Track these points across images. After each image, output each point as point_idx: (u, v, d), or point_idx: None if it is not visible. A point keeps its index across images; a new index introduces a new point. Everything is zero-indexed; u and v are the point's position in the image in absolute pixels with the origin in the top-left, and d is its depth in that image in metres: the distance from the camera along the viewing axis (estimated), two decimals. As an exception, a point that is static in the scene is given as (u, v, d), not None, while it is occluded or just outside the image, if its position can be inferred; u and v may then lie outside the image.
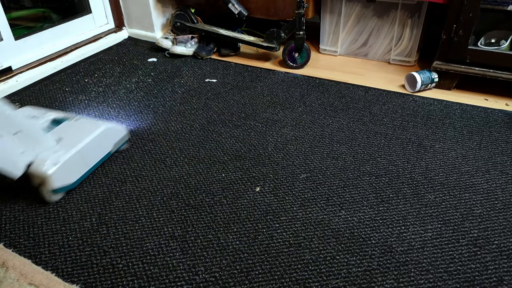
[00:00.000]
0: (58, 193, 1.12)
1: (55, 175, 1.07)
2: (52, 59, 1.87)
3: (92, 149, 1.19)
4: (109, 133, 1.25)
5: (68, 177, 1.13)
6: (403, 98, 1.61)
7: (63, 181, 1.12)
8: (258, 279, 0.91)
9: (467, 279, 0.90)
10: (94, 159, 1.21)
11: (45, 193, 1.10)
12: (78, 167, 1.16)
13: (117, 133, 1.29)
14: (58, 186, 1.10)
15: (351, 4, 1.82)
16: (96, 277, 0.92)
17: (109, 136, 1.25)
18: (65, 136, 1.17)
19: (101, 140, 1.22)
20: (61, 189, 1.12)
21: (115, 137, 1.28)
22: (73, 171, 1.15)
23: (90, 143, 1.17)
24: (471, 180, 1.18)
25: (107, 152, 1.26)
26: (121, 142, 1.31)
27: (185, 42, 1.99)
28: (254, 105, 1.58)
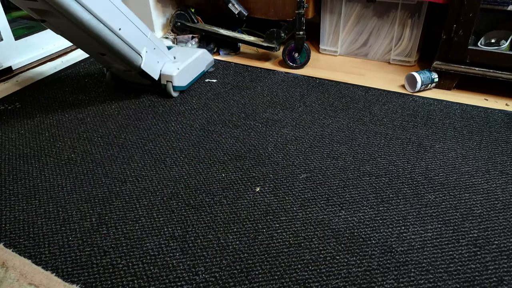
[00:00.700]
0: (176, 91, 1.64)
1: (177, 77, 1.60)
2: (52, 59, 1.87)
3: (195, 65, 1.71)
4: (203, 56, 1.77)
5: (183, 80, 1.65)
6: (403, 98, 1.61)
7: (181, 82, 1.63)
8: (258, 279, 0.91)
9: (467, 279, 0.90)
10: (196, 72, 1.73)
11: (170, 89, 1.60)
12: (188, 75, 1.67)
13: (208, 58, 1.81)
14: (178, 85, 1.62)
15: (351, 4, 1.82)
16: (96, 277, 0.92)
17: (203, 59, 1.78)
18: (177, 55, 1.70)
19: (199, 59, 1.74)
20: (179, 87, 1.64)
21: (207, 60, 1.81)
22: (186, 77, 1.66)
23: (194, 60, 1.70)
24: (471, 180, 1.18)
25: (202, 70, 1.78)
26: (210, 66, 1.84)
27: (185, 42, 1.99)
28: (254, 105, 1.58)
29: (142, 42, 1.49)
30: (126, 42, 1.41)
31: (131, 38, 1.43)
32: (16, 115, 1.54)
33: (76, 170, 1.25)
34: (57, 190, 1.17)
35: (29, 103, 1.62)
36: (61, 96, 1.67)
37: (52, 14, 1.24)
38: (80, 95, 1.67)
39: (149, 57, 1.52)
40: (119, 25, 1.37)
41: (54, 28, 1.35)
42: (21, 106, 1.60)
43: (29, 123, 1.49)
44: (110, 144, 1.36)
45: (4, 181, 1.21)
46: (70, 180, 1.21)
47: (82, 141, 1.38)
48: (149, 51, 1.52)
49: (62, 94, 1.68)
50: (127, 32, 1.41)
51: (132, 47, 1.45)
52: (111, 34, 1.35)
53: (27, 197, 1.15)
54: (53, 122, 1.49)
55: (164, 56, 1.61)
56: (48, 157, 1.31)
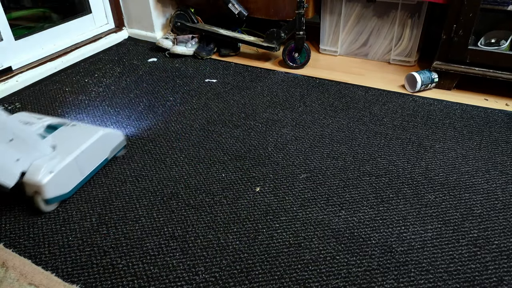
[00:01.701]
0: (52, 203, 1.09)
1: (50, 184, 1.03)
2: (52, 59, 1.87)
3: (88, 156, 1.15)
4: (106, 139, 1.21)
5: (63, 186, 1.09)
6: (403, 98, 1.61)
7: (58, 191, 1.07)
8: (258, 279, 0.91)
9: (467, 279, 0.90)
10: (91, 167, 1.18)
11: (39, 202, 1.06)
12: (73, 176, 1.12)
13: (114, 139, 1.25)
14: (53, 195, 1.06)
15: (351, 4, 1.82)
16: (96, 277, 0.92)
17: (106, 142, 1.22)
18: (61, 142, 1.13)
19: (97, 146, 1.18)
20: (56, 199, 1.08)
21: (112, 143, 1.24)
22: (69, 180, 1.11)
23: (86, 150, 1.13)
24: (471, 180, 1.18)
25: (104, 159, 1.22)
26: (118, 148, 1.27)
27: (185, 42, 1.99)
28: (254, 105, 1.58)
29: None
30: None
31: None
32: (16, 115, 1.54)
33: (76, 170, 1.25)
34: (57, 190, 1.17)
35: (29, 103, 1.62)
36: (61, 96, 1.67)
37: None
38: (80, 95, 1.67)
39: None
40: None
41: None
42: (21, 106, 1.60)
43: (29, 123, 1.49)
44: (110, 144, 1.36)
45: (4, 181, 1.21)
46: (70, 180, 1.21)
47: (82, 141, 1.38)
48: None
49: (62, 94, 1.68)
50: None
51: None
52: None
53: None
54: (53, 122, 1.49)
55: (31, 150, 1.06)
56: (48, 157, 1.31)
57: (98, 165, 1.21)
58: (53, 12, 2.01)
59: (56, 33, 1.94)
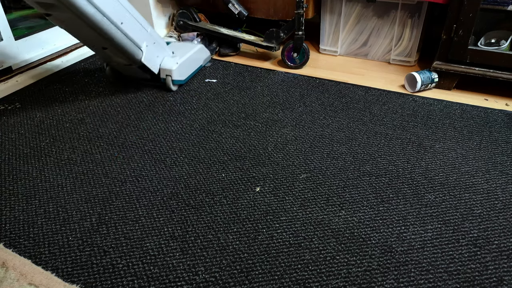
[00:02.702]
0: (175, 84, 1.68)
1: (176, 71, 1.64)
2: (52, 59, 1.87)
3: (193, 59, 1.76)
4: (201, 51, 1.83)
5: (182, 74, 1.69)
6: (403, 98, 1.61)
7: (179, 76, 1.68)
8: (258, 279, 0.91)
9: (467, 279, 0.90)
10: (194, 67, 1.78)
11: (169, 82, 1.65)
12: (186, 70, 1.72)
13: (205, 53, 1.87)
14: (177, 78, 1.66)
15: (351, 4, 1.82)
16: (96, 277, 0.92)
17: (201, 53, 1.83)
18: (176, 50, 1.73)
19: (197, 54, 1.79)
20: (178, 81, 1.68)
21: (204, 55, 1.86)
22: (184, 71, 1.70)
23: (192, 55, 1.74)
24: (471, 180, 1.18)
25: (200, 65, 1.83)
26: (207, 60, 1.90)
27: (191, 40, 2.00)
28: (254, 105, 1.58)
29: (142, 37, 1.52)
30: (128, 36, 1.45)
31: (132, 32, 1.46)
32: (16, 115, 1.54)
33: (76, 170, 1.25)
34: (57, 190, 1.17)
35: (29, 103, 1.62)
36: (61, 96, 1.67)
37: (57, 8, 1.26)
38: (80, 95, 1.67)
39: (149, 51, 1.56)
40: (121, 19, 1.40)
41: (58, 22, 1.38)
42: (21, 106, 1.60)
43: (29, 123, 1.49)
44: (110, 144, 1.36)
45: (4, 181, 1.21)
46: (70, 180, 1.21)
47: (82, 141, 1.38)
48: (149, 45, 1.56)
49: (62, 94, 1.68)
50: (129, 26, 1.44)
51: (133, 41, 1.48)
52: (113, 28, 1.38)
53: (27, 197, 1.15)
54: (53, 122, 1.49)
55: (163, 51, 1.65)
56: (48, 157, 1.31)
57: (198, 67, 1.82)
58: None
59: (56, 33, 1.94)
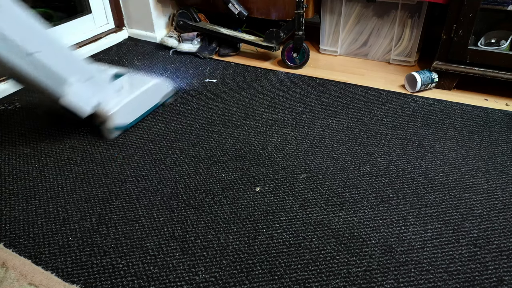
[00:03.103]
0: (115, 131, 1.37)
1: (115, 115, 1.32)
2: (52, 59, 1.87)
3: (144, 98, 1.46)
4: (158, 87, 1.52)
5: (125, 118, 1.39)
6: (403, 98, 1.61)
7: (120, 121, 1.37)
8: (258, 279, 0.91)
9: (467, 279, 0.90)
10: (146, 107, 1.49)
11: (105, 130, 1.35)
12: (133, 111, 1.42)
13: (164, 88, 1.56)
14: (116, 124, 1.35)
15: (351, 4, 1.82)
16: (96, 277, 0.92)
17: (158, 90, 1.52)
18: (124, 86, 1.44)
19: (151, 91, 1.49)
20: (118, 128, 1.37)
21: (163, 91, 1.55)
22: (129, 114, 1.41)
23: (143, 93, 1.44)
24: (471, 180, 1.18)
25: (156, 103, 1.53)
26: (167, 97, 1.58)
27: (191, 40, 2.00)
28: (254, 105, 1.58)
29: (67, 70, 1.23)
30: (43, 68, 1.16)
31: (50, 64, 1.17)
32: (16, 115, 1.54)
33: (76, 170, 1.25)
34: (57, 190, 1.17)
35: (29, 103, 1.62)
36: (61, 96, 1.66)
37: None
38: (80, 95, 1.67)
39: (77, 89, 1.24)
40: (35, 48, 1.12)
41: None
42: (21, 106, 1.60)
43: (29, 123, 1.49)
44: (110, 144, 1.36)
45: (4, 181, 1.21)
46: (70, 180, 1.21)
47: (82, 141, 1.38)
48: (77, 81, 1.25)
49: (62, 94, 1.68)
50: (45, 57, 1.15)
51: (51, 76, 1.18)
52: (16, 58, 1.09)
53: (27, 197, 1.15)
54: (53, 122, 1.49)
55: (103, 89, 1.34)
56: (48, 157, 1.31)
57: (152, 107, 1.52)
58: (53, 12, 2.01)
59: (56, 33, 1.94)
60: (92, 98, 1.29)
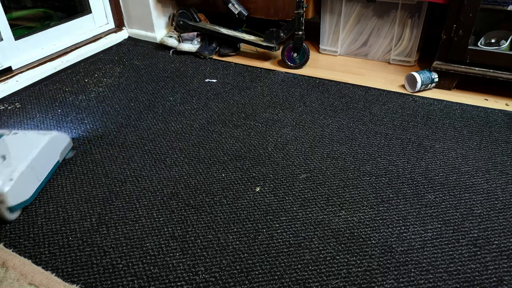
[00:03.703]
0: (16, 211, 1.07)
1: (11, 192, 1.02)
2: (52, 59, 1.87)
3: (41, 161, 1.15)
4: (54, 142, 1.21)
5: (24, 192, 1.08)
6: (403, 98, 1.61)
7: (19, 198, 1.07)
8: (258, 279, 0.91)
9: (467, 279, 0.90)
10: (45, 171, 1.18)
11: (2, 211, 1.03)
12: (31, 181, 1.11)
13: (61, 141, 1.25)
14: (16, 203, 1.05)
15: (351, 4, 1.82)
16: (96, 277, 0.92)
17: (55, 146, 1.22)
18: (9, 152, 1.12)
19: (48, 150, 1.18)
20: (19, 206, 1.07)
21: (61, 146, 1.25)
22: (28, 186, 1.10)
23: (38, 155, 1.13)
24: (471, 180, 1.18)
25: (56, 162, 1.22)
26: (67, 150, 1.28)
27: (191, 40, 2.00)
28: (254, 105, 1.58)
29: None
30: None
31: None
32: (16, 115, 1.54)
33: (76, 170, 1.25)
34: (57, 190, 1.17)
35: (29, 103, 1.62)
36: (61, 96, 1.67)
37: None
38: (80, 95, 1.67)
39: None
40: None
41: None
42: (21, 106, 1.60)
43: (29, 123, 1.49)
44: (110, 144, 1.36)
45: (4, 181, 1.21)
46: (70, 180, 1.21)
47: (82, 141, 1.38)
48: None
49: (62, 94, 1.68)
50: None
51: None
52: None
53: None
54: (53, 122, 1.49)
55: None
56: (48, 157, 1.31)
57: (52, 169, 1.20)
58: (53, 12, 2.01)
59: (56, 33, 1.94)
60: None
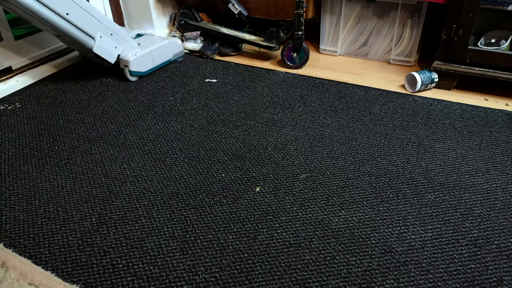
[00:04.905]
0: (134, 76, 1.75)
1: (134, 62, 1.70)
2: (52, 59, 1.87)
3: (158, 53, 1.80)
4: (170, 45, 1.86)
5: (142, 66, 1.75)
6: (403, 98, 1.61)
7: (138, 68, 1.73)
8: (258, 279, 0.91)
9: (467, 279, 0.90)
10: (159, 60, 1.82)
11: (126, 73, 1.72)
12: (147, 62, 1.77)
13: (176, 47, 1.89)
14: (135, 70, 1.72)
15: (351, 4, 1.82)
16: (96, 277, 0.92)
17: (170, 48, 1.87)
18: (143, 42, 1.81)
19: (164, 48, 1.83)
20: (136, 73, 1.74)
21: (175, 50, 1.89)
22: (144, 63, 1.76)
23: (158, 48, 1.79)
24: (471, 180, 1.18)
25: (168, 59, 1.87)
26: (178, 55, 1.93)
27: (194, 39, 2.01)
28: (254, 105, 1.58)
29: (94, 27, 1.59)
30: (76, 26, 1.52)
31: (81, 22, 1.54)
32: (16, 115, 1.54)
33: (76, 170, 1.25)
34: (57, 190, 1.17)
35: (29, 103, 1.62)
36: (61, 96, 1.67)
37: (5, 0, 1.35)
38: (80, 95, 1.67)
39: (104, 41, 1.63)
40: (66, 10, 1.47)
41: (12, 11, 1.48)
42: (21, 106, 1.60)
43: (29, 123, 1.49)
44: (110, 144, 1.36)
45: (4, 181, 1.21)
46: (70, 180, 1.21)
47: (82, 141, 1.38)
48: (104, 36, 1.63)
49: (62, 94, 1.68)
50: (76, 17, 1.51)
51: (83, 31, 1.55)
52: (57, 19, 1.46)
53: (27, 197, 1.15)
54: (53, 122, 1.49)
55: (124, 42, 1.71)
56: (48, 157, 1.31)
57: (165, 61, 1.87)
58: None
59: (56, 33, 1.94)
60: (117, 49, 1.68)
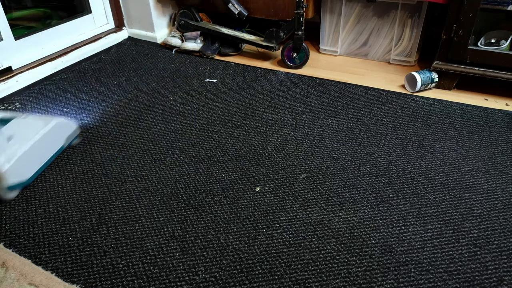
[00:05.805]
0: (13, 190, 1.13)
1: (9, 171, 1.08)
2: (52, 59, 1.87)
3: (44, 145, 1.21)
4: (59, 128, 1.27)
5: (23, 173, 1.14)
6: (403, 98, 1.61)
7: (17, 178, 1.12)
8: (258, 279, 0.91)
9: (467, 279, 0.90)
10: (48, 155, 1.24)
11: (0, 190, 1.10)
12: (32, 163, 1.18)
13: (67, 128, 1.31)
14: (13, 182, 1.11)
15: (351, 4, 1.82)
16: (96, 277, 0.92)
17: (60, 131, 1.28)
18: (16, 134, 1.18)
19: (52, 135, 1.24)
20: (16, 186, 1.13)
21: (66, 132, 1.30)
22: (27, 167, 1.16)
23: (42, 139, 1.19)
24: (471, 180, 1.18)
25: (60, 147, 1.28)
26: (72, 137, 1.33)
27: (194, 39, 2.01)
28: (254, 105, 1.58)
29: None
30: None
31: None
32: (16, 115, 1.54)
33: (76, 170, 1.25)
34: (57, 190, 1.17)
35: (29, 103, 1.62)
36: (61, 96, 1.67)
37: None
38: (80, 95, 1.67)
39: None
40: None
41: None
42: (21, 106, 1.60)
43: (29, 123, 1.49)
44: (110, 144, 1.36)
45: (4, 181, 1.21)
46: (70, 180, 1.21)
47: (82, 141, 1.38)
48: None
49: (62, 94, 1.68)
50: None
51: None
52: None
53: (27, 197, 1.15)
54: (53, 122, 1.49)
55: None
56: (48, 157, 1.31)
57: (55, 153, 1.27)
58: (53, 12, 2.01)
59: (56, 33, 1.94)
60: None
